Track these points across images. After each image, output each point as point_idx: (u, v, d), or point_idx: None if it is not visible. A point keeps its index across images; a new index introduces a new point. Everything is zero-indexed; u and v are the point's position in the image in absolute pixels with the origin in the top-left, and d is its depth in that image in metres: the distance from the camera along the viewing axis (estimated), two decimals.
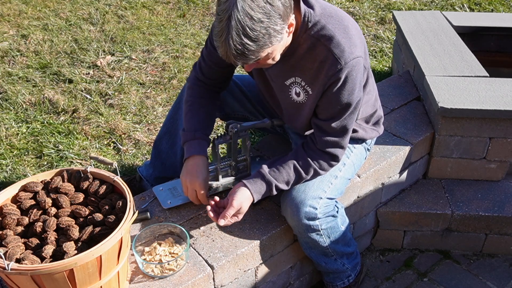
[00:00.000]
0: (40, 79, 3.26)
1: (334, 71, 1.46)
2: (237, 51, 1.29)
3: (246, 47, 1.28)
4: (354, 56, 1.46)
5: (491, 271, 2.12)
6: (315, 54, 1.48)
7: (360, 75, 1.52)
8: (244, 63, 1.36)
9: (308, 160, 1.61)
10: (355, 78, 1.49)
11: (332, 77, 1.46)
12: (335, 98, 1.50)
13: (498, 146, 2.12)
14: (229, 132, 1.77)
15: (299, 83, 1.58)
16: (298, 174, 1.61)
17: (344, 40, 1.45)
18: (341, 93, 1.49)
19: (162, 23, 4.09)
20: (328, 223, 1.68)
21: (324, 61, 1.47)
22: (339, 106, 1.52)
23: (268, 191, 1.61)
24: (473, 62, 2.39)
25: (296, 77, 1.57)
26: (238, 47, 1.27)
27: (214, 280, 1.59)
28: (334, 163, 1.65)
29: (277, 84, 1.66)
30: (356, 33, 1.52)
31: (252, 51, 1.30)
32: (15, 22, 4.04)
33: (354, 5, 4.40)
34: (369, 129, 1.84)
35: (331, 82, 1.47)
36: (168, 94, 3.13)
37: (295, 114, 1.68)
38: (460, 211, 2.11)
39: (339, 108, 1.53)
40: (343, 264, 1.84)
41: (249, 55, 1.31)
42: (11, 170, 2.50)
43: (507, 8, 4.29)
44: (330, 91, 1.50)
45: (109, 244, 1.27)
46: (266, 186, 1.60)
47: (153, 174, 2.09)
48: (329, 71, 1.46)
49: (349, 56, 1.45)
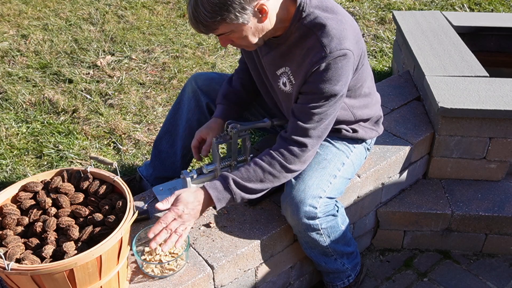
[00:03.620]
0: (40, 79, 3.26)
1: (317, 58, 1.44)
2: (194, 18, 1.39)
3: (201, 14, 1.37)
4: (342, 47, 1.44)
5: (491, 271, 2.12)
6: (305, 42, 1.49)
7: (347, 68, 1.48)
8: (204, 32, 1.44)
9: (271, 153, 1.54)
10: (340, 68, 1.46)
11: (315, 64, 1.45)
12: (317, 84, 1.48)
13: (498, 146, 2.12)
14: (229, 132, 1.77)
15: (286, 73, 1.58)
16: (261, 168, 1.53)
17: (334, 31, 1.45)
18: (323, 81, 1.46)
19: (162, 23, 4.09)
20: (328, 222, 1.68)
21: (311, 49, 1.47)
22: (320, 93, 1.49)
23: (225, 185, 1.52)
24: (473, 62, 2.39)
25: (286, 67, 1.57)
26: (194, 13, 1.38)
27: (214, 280, 1.59)
28: (301, 155, 1.54)
29: (270, 73, 1.66)
30: (351, 29, 1.50)
31: (207, 21, 1.38)
32: (15, 22, 4.04)
33: (354, 5, 4.40)
34: (369, 129, 1.84)
35: (314, 69, 1.46)
36: (168, 94, 3.13)
37: (289, 106, 1.66)
38: (460, 211, 2.11)
39: (320, 96, 1.49)
40: (343, 264, 1.84)
41: (205, 24, 1.39)
42: (11, 170, 2.50)
43: (507, 8, 4.29)
44: (312, 77, 1.47)
45: (109, 244, 1.27)
46: (222, 180, 1.53)
47: (153, 174, 2.09)
48: (313, 58, 1.45)
49: (336, 46, 1.44)
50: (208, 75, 2.01)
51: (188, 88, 1.99)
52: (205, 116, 1.99)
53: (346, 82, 1.52)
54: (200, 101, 1.97)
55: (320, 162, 1.70)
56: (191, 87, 1.98)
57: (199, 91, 1.97)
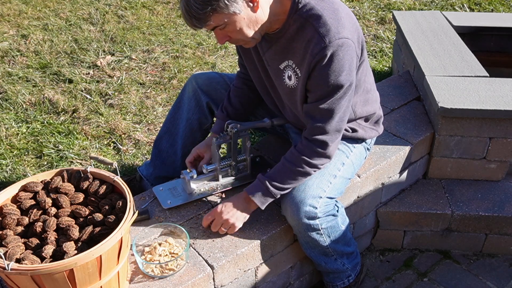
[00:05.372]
0: (40, 79, 3.26)
1: (318, 49, 1.45)
2: (187, 12, 1.39)
3: (192, 8, 1.37)
4: (341, 36, 1.44)
5: (491, 271, 2.12)
6: (304, 34, 1.49)
7: (349, 57, 1.48)
8: (197, 26, 1.43)
9: (297, 153, 1.61)
10: (341, 58, 1.46)
11: (316, 55, 1.45)
12: (321, 78, 1.49)
13: (498, 146, 2.12)
14: (229, 132, 1.77)
15: (291, 65, 1.58)
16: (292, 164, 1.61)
17: (331, 21, 1.45)
18: (327, 73, 1.47)
19: (162, 23, 4.09)
20: (328, 222, 1.68)
21: (310, 40, 1.47)
22: (326, 87, 1.49)
23: (264, 189, 1.63)
24: (473, 62, 2.39)
25: (289, 60, 1.57)
26: (186, 7, 1.38)
27: (214, 280, 1.59)
28: (324, 152, 1.60)
29: (273, 69, 1.65)
30: (347, 17, 1.50)
31: (198, 13, 1.37)
32: (15, 22, 4.04)
33: (354, 5, 4.40)
34: (369, 128, 1.83)
35: (316, 61, 1.46)
36: (168, 94, 3.13)
37: (293, 103, 1.67)
38: (460, 211, 2.11)
39: (326, 90, 1.50)
40: (343, 264, 1.84)
41: (197, 17, 1.39)
42: (11, 170, 2.50)
43: (507, 8, 4.29)
44: (316, 71, 1.48)
45: (109, 244, 1.27)
46: (260, 183, 1.63)
47: (154, 174, 2.09)
48: (314, 49, 1.46)
49: (334, 36, 1.44)
50: (208, 74, 2.01)
51: (189, 87, 1.99)
52: (205, 115, 1.99)
53: (350, 71, 1.51)
54: (201, 101, 1.98)
55: None
56: (191, 87, 1.98)
57: (199, 90, 1.97)
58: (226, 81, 2.00)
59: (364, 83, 1.71)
